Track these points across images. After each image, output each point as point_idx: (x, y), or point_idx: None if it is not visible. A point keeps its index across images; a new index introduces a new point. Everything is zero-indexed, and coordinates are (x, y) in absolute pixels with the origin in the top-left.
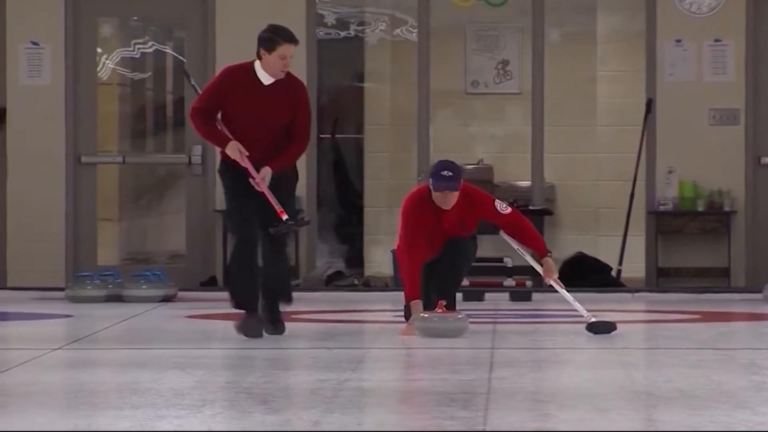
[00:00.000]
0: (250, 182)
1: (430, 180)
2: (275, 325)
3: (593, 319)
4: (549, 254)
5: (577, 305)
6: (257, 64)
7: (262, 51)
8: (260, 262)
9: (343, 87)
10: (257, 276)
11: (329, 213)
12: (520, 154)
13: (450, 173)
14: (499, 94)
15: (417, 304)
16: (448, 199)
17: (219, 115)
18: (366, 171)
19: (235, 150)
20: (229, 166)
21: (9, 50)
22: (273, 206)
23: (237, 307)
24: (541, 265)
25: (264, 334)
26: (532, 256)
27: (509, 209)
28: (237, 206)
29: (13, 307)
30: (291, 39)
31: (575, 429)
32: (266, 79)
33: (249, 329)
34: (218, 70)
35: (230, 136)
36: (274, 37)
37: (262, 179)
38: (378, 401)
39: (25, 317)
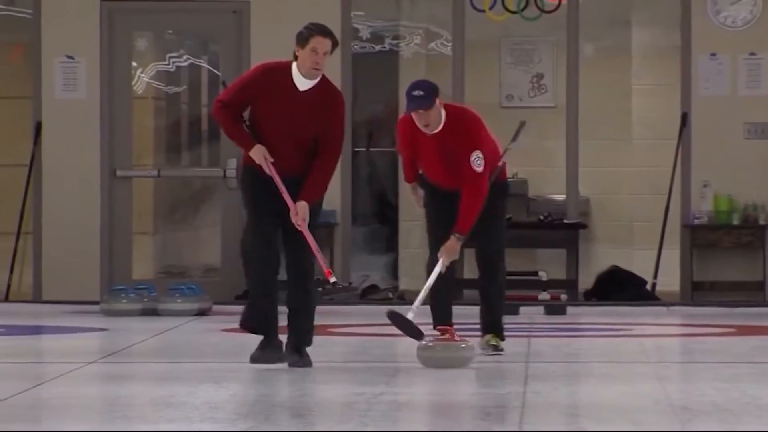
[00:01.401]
0: (273, 192)
1: (406, 101)
2: (302, 355)
3: (411, 315)
4: (459, 237)
5: (420, 296)
6: (294, 66)
7: (297, 48)
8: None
9: (378, 101)
10: (277, 302)
11: (364, 226)
12: (555, 168)
13: (421, 92)
14: (534, 108)
15: (410, 186)
16: (423, 120)
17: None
18: (401, 185)
19: (260, 154)
20: (251, 174)
21: (44, 64)
22: (318, 260)
23: (252, 331)
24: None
25: (288, 365)
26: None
27: (480, 169)
28: (258, 222)
29: (48, 320)
30: (325, 32)
31: None
32: (302, 84)
33: (267, 357)
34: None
35: (255, 139)
36: (308, 29)
37: (303, 220)
38: (412, 415)
39: (61, 331)
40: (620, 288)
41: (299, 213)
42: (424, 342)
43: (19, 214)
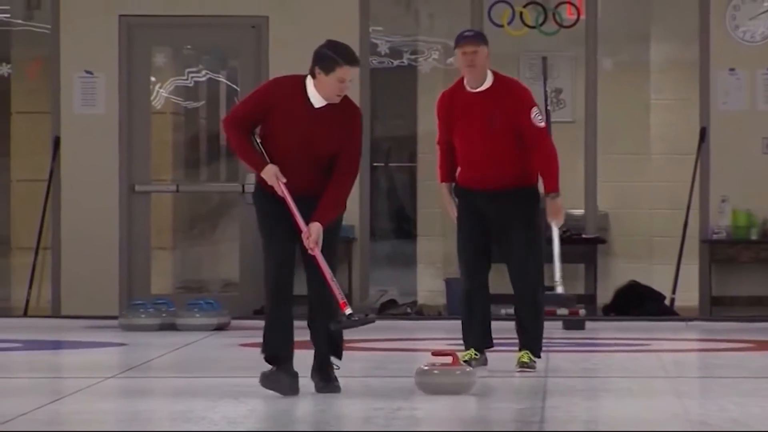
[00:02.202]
0: (287, 213)
1: (454, 44)
2: (329, 381)
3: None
4: (557, 195)
5: (557, 267)
6: (309, 82)
7: (318, 70)
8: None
9: (397, 115)
10: (292, 327)
11: (382, 241)
12: (574, 183)
13: (472, 32)
14: (552, 123)
15: (443, 186)
16: (469, 60)
17: (257, 132)
18: (419, 199)
19: (272, 175)
20: (264, 194)
21: (63, 79)
22: (332, 290)
23: (267, 360)
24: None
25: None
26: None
27: (543, 124)
28: (272, 246)
29: (67, 335)
30: (353, 60)
31: None
32: (318, 101)
33: (280, 385)
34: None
35: (267, 159)
36: (334, 57)
37: (315, 243)
38: (430, 430)
39: (79, 346)
40: (639, 303)
41: (312, 235)
42: (422, 367)
43: (37, 229)
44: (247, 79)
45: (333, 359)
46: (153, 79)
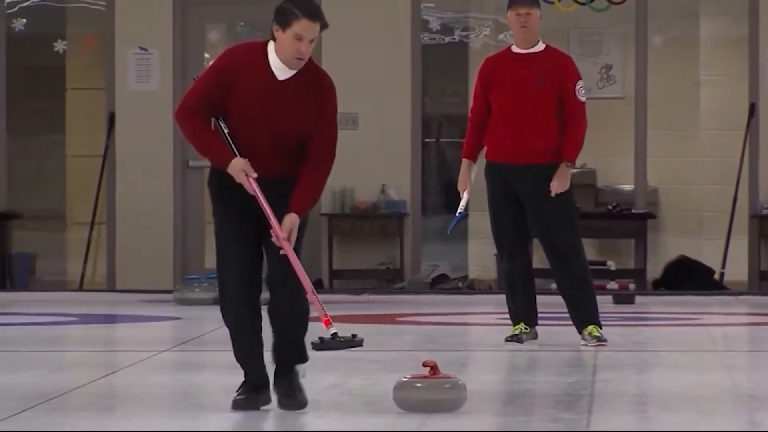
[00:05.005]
0: (250, 209)
1: (507, 6)
2: (292, 397)
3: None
4: (569, 164)
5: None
6: (271, 48)
7: (275, 27)
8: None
9: (448, 92)
10: (260, 338)
11: (434, 217)
12: (624, 158)
13: None
14: (603, 99)
15: (465, 162)
16: (522, 20)
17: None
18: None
19: (240, 172)
20: (223, 183)
21: (118, 56)
22: (314, 303)
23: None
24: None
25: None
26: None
27: (584, 100)
28: (235, 250)
29: (121, 309)
30: (313, 14)
31: (679, 431)
32: (282, 71)
33: (247, 404)
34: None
35: (233, 151)
36: (291, 9)
37: (287, 238)
38: (482, 403)
39: (134, 320)
40: (688, 277)
41: (285, 227)
42: (402, 380)
43: (93, 204)
44: None
45: (297, 367)
46: (207, 55)
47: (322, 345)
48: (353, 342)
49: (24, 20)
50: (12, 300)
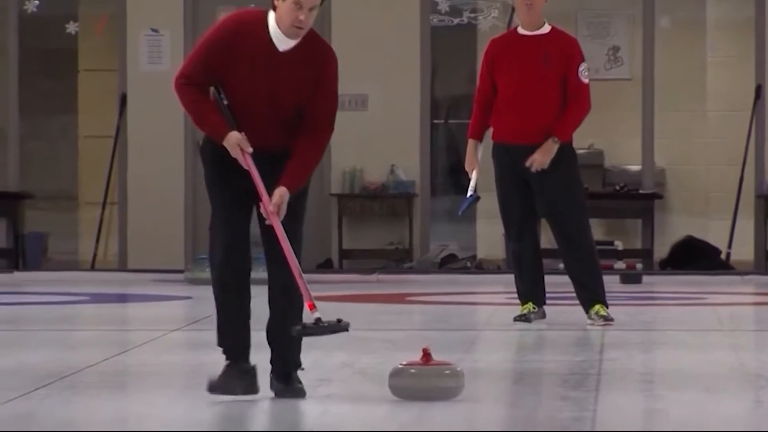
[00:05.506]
0: (243, 182)
1: None
2: (288, 384)
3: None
4: (556, 140)
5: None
6: (271, 17)
7: None
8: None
9: (456, 74)
10: (248, 321)
11: (443, 197)
12: (631, 139)
13: None
14: (610, 80)
15: (471, 142)
16: (531, 2)
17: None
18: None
19: (235, 146)
20: (216, 153)
21: (129, 37)
22: (299, 284)
23: (223, 352)
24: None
25: (260, 392)
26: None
27: (587, 81)
28: (224, 216)
29: (133, 288)
30: None
31: (685, 409)
32: (282, 41)
33: (228, 386)
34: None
35: (230, 123)
36: None
37: (275, 211)
38: (491, 382)
39: (145, 299)
40: (695, 257)
41: (274, 200)
42: (398, 367)
43: (104, 184)
44: None
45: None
46: None
47: (305, 330)
48: (338, 327)
49: (36, 2)
50: (24, 279)
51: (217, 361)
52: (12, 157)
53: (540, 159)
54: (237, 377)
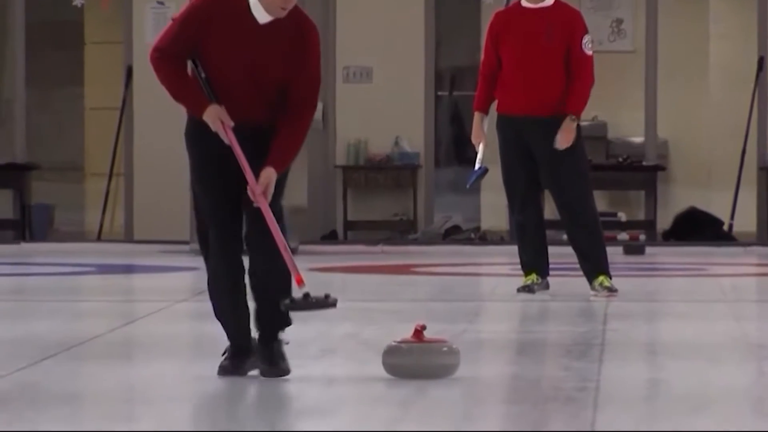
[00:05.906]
0: (230, 162)
1: None
2: (275, 365)
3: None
4: (574, 118)
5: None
6: None
7: None
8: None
9: (460, 46)
10: (246, 300)
11: (447, 169)
12: (634, 111)
13: None
14: (613, 52)
15: (477, 115)
16: None
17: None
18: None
19: (215, 120)
20: (200, 133)
21: (135, 10)
22: (286, 261)
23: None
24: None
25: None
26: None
27: (590, 53)
28: (212, 201)
29: (139, 259)
30: None
31: (688, 380)
32: (262, 15)
33: (233, 369)
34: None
35: (209, 97)
36: None
37: (262, 193)
38: (494, 352)
39: (151, 270)
40: (698, 228)
41: (261, 181)
42: (392, 344)
43: (111, 155)
44: (314, 14)
45: (281, 334)
46: None
47: (293, 305)
48: (326, 302)
49: None
50: (31, 250)
51: (222, 331)
52: (19, 128)
53: (564, 139)
54: (240, 361)
